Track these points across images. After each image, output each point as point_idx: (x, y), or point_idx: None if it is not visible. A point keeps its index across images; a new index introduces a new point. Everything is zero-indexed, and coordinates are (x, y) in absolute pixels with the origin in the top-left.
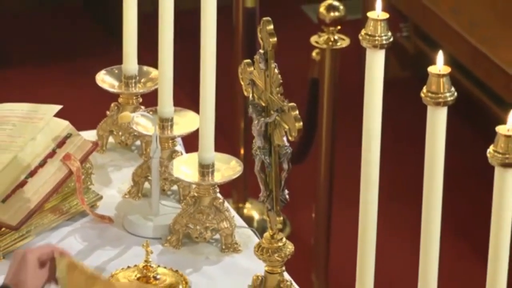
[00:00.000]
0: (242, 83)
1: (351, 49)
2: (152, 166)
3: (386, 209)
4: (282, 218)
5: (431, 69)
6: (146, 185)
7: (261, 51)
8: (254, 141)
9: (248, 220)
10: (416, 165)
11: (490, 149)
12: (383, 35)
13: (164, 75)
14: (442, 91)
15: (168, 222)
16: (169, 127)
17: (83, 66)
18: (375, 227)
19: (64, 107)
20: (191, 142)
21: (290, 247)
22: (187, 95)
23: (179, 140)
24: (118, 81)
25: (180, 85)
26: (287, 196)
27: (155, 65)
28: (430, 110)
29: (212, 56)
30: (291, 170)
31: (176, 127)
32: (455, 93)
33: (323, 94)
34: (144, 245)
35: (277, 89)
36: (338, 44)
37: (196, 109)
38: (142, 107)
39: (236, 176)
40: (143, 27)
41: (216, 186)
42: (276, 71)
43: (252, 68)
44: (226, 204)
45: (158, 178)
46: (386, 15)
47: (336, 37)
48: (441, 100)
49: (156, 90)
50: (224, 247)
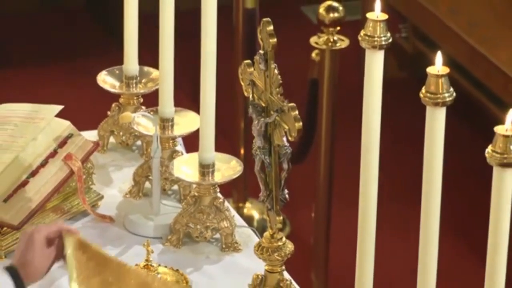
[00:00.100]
0: (242, 83)
1: (351, 49)
2: (153, 166)
3: (385, 208)
4: (282, 217)
5: (430, 69)
6: (147, 184)
7: (261, 51)
8: (254, 141)
9: (248, 220)
10: (415, 165)
11: (489, 149)
12: (382, 35)
13: (164, 75)
14: (441, 92)
15: (169, 221)
16: (170, 127)
17: (84, 67)
18: (374, 226)
19: (65, 107)
20: (191, 142)
21: (290, 247)
22: (187, 95)
23: (179, 140)
24: (119, 82)
25: (181, 85)
26: (287, 196)
27: (155, 66)
28: (429, 110)
29: (212, 57)
30: (291, 170)
31: (177, 127)
32: (454, 94)
33: (322, 95)
34: (145, 244)
35: (277, 89)
36: (338, 44)
37: (197, 110)
38: (143, 107)
39: (236, 176)
40: (143, 28)
41: (217, 185)
42: (276, 71)
43: (252, 69)
44: (226, 203)
45: (159, 178)
46: (385, 16)
47: (335, 38)
48: (440, 100)
49: (156, 91)
50: (224, 246)
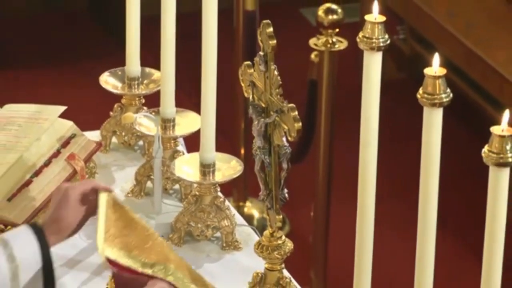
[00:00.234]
0: (242, 84)
1: (349, 51)
2: (155, 165)
3: (384, 207)
4: (281, 216)
5: (427, 70)
6: (149, 184)
7: (261, 53)
8: (254, 141)
9: (248, 219)
10: (413, 164)
11: (485, 149)
12: (380, 37)
13: (166, 76)
14: (438, 93)
15: (170, 220)
16: (171, 128)
17: (86, 68)
18: (373, 225)
19: (69, 108)
20: (192, 142)
21: (289, 245)
22: (188, 96)
23: (180, 140)
24: (121, 83)
25: (182, 86)
26: (287, 195)
27: (157, 67)
28: (426, 111)
29: (213, 58)
30: (290, 169)
31: (178, 128)
32: (451, 94)
33: (321, 95)
34: None
35: (277, 90)
36: (336, 46)
37: (198, 110)
38: (144, 108)
39: (237, 175)
40: (145, 30)
41: (217, 185)
42: (275, 72)
43: (252, 70)
44: (226, 202)
45: (160, 178)
46: (383, 18)
47: (334, 40)
48: (437, 101)
49: (158, 92)
50: (224, 245)
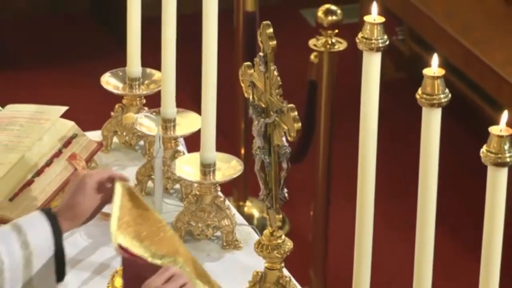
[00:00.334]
0: (242, 85)
1: (348, 52)
2: (155, 165)
3: (383, 207)
4: (281, 216)
5: (426, 71)
6: (150, 184)
7: (261, 54)
8: (254, 141)
9: (249, 218)
10: (412, 164)
11: (483, 149)
12: (379, 38)
13: (167, 77)
14: (436, 93)
15: (171, 219)
16: (172, 128)
17: (88, 69)
18: (372, 224)
19: (70, 108)
20: (193, 142)
21: (289, 244)
22: (189, 96)
23: (181, 140)
24: (122, 83)
25: (182, 87)
26: (286, 195)
27: (158, 68)
28: (425, 111)
29: (213, 59)
30: (290, 169)
31: (179, 128)
32: (449, 95)
33: (321, 96)
34: None
35: (277, 90)
36: (336, 47)
37: (198, 110)
38: (145, 108)
39: (237, 175)
40: (146, 31)
41: (217, 184)
42: (275, 73)
43: (252, 71)
44: (227, 202)
45: (161, 177)
46: (382, 19)
47: (333, 40)
48: (435, 101)
49: (159, 92)
50: (225, 244)
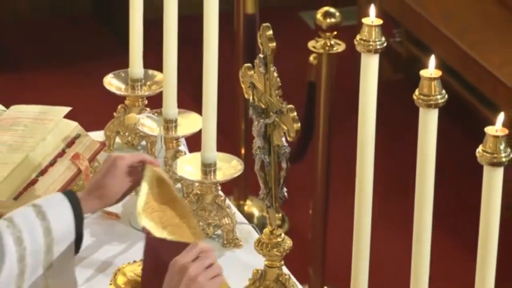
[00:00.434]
0: (242, 86)
1: (347, 53)
2: None
3: (381, 206)
4: (281, 214)
5: (423, 72)
6: None
7: (261, 55)
8: (254, 141)
9: (249, 217)
10: (409, 164)
11: (479, 149)
12: (377, 40)
13: (168, 78)
14: (433, 94)
15: None
16: (173, 128)
17: (91, 70)
18: (370, 223)
19: (73, 109)
20: (194, 142)
21: (289, 242)
22: (190, 97)
23: (182, 140)
24: (125, 84)
25: (184, 87)
26: (286, 194)
27: (160, 69)
28: (422, 111)
29: (214, 60)
30: (290, 169)
31: (180, 128)
32: (446, 96)
33: (320, 97)
34: None
35: (276, 91)
36: (334, 49)
37: (199, 111)
38: (147, 109)
39: (237, 174)
40: (148, 33)
41: (218, 184)
42: (275, 74)
43: (252, 72)
44: (227, 201)
45: None
46: (380, 21)
47: (332, 42)
48: (432, 102)
49: (161, 93)
50: (225, 242)
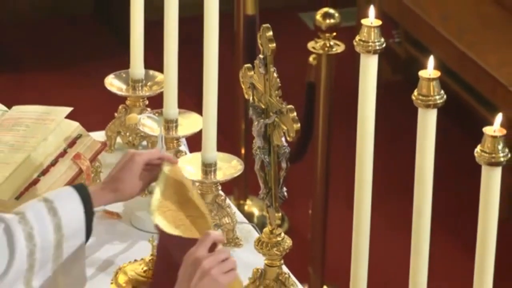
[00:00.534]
0: (243, 86)
1: (346, 54)
2: None
3: (380, 205)
4: (280, 214)
5: (421, 73)
6: (153, 183)
7: (261, 56)
8: (254, 141)
9: (249, 216)
10: (408, 163)
11: (478, 148)
12: (376, 41)
13: (169, 79)
14: (432, 94)
15: None
16: (174, 128)
17: (92, 71)
18: (369, 222)
19: (75, 109)
20: (194, 142)
21: (288, 242)
22: (190, 97)
23: (183, 141)
24: (126, 85)
25: (184, 88)
26: (286, 193)
27: (160, 70)
28: (421, 112)
29: (214, 61)
30: (289, 168)
31: (181, 128)
32: (445, 96)
33: (319, 97)
34: (150, 239)
35: (276, 92)
36: (334, 49)
37: (200, 111)
38: (148, 109)
39: (237, 174)
40: (149, 34)
41: (218, 183)
42: (275, 75)
43: (252, 72)
44: (227, 201)
45: None
46: (379, 22)
47: (331, 43)
48: (431, 102)
49: (161, 93)
50: (226, 241)
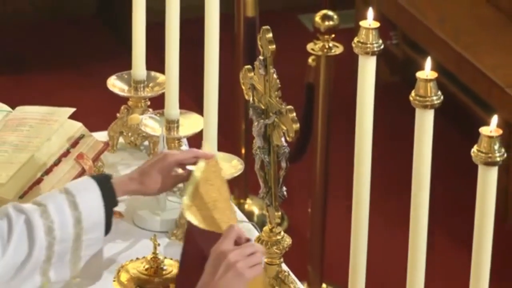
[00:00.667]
0: (243, 87)
1: (345, 55)
2: None
3: (378, 204)
4: (280, 213)
5: (419, 74)
6: None
7: (261, 57)
8: (254, 141)
9: (249, 215)
10: (406, 163)
11: (474, 148)
12: (374, 42)
13: (170, 80)
14: (429, 95)
15: (175, 216)
16: (175, 128)
17: (95, 72)
18: (367, 221)
19: (77, 110)
20: (195, 142)
21: (288, 240)
22: (192, 98)
23: (184, 141)
24: (128, 86)
25: (185, 89)
26: (285, 193)
27: (162, 71)
28: (418, 112)
29: (215, 62)
30: (289, 168)
31: (182, 128)
32: (442, 97)
33: (318, 98)
34: (152, 238)
35: (276, 93)
36: (333, 51)
37: (200, 112)
38: (150, 109)
39: (238, 174)
40: (151, 35)
41: None
42: (274, 76)
43: (253, 74)
44: None
45: None
46: (377, 24)
47: (330, 45)
48: (428, 103)
49: (163, 94)
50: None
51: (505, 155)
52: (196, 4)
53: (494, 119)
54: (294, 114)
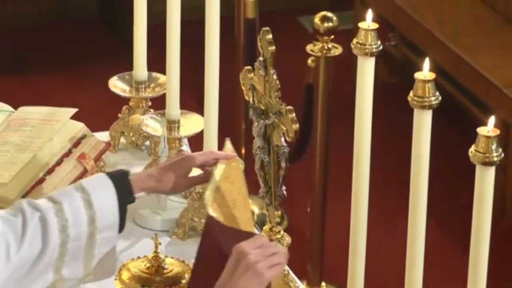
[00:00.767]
0: (243, 88)
1: (344, 56)
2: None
3: (377, 204)
4: (280, 212)
5: (417, 75)
6: None
7: (261, 58)
8: (254, 141)
9: None
10: (404, 163)
11: (472, 148)
12: (373, 43)
13: (171, 80)
14: (427, 96)
15: (175, 216)
16: (176, 129)
17: (97, 72)
18: (366, 220)
19: (79, 110)
20: (196, 142)
21: (288, 239)
22: (192, 99)
23: (185, 141)
24: (129, 86)
25: (186, 89)
26: (285, 192)
27: (163, 71)
28: (416, 113)
29: (215, 63)
30: (288, 168)
31: (183, 129)
32: (440, 97)
33: (317, 98)
34: (153, 237)
35: (276, 93)
36: (332, 52)
37: (201, 112)
38: (151, 110)
39: None
40: (152, 36)
41: None
42: (274, 77)
43: (253, 74)
44: None
45: None
46: (376, 26)
47: (329, 46)
48: (426, 103)
49: (164, 95)
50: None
51: (502, 155)
52: (197, 5)
53: (492, 120)
54: (294, 114)
